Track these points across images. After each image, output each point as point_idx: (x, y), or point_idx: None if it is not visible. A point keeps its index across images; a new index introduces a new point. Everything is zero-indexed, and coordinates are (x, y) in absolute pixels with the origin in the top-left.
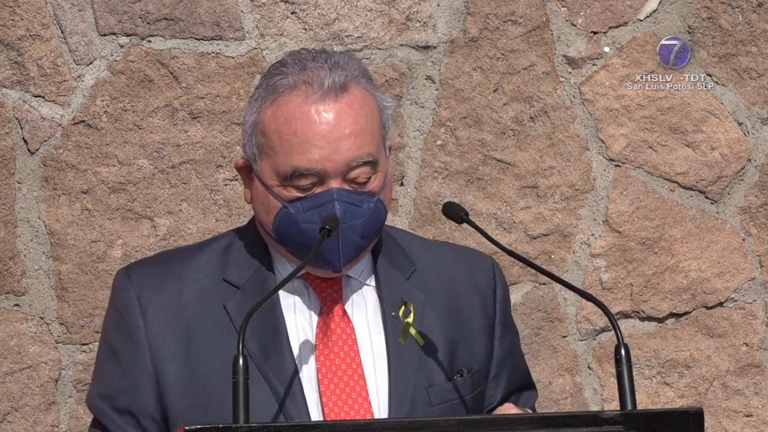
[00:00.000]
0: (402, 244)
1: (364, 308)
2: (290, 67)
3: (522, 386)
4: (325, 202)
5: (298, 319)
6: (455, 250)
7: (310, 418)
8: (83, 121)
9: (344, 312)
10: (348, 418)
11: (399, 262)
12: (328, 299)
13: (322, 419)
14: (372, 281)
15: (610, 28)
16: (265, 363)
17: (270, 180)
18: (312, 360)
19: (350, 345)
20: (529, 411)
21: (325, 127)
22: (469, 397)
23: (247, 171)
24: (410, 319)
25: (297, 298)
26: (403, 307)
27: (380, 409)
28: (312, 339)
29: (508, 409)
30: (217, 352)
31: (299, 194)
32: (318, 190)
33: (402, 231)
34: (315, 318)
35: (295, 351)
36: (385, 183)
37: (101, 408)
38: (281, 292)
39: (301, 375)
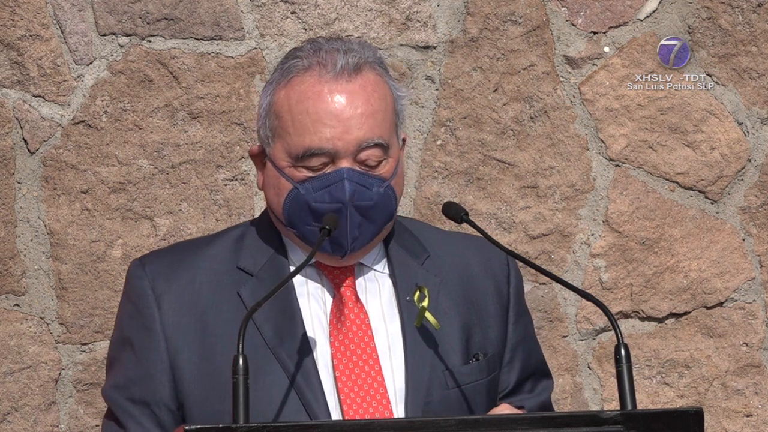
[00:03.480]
0: (415, 232)
1: (378, 294)
2: (305, 51)
3: (537, 372)
4: (336, 181)
5: (312, 305)
6: (469, 239)
7: (326, 402)
8: (83, 121)
9: (357, 298)
10: (364, 403)
11: (412, 248)
12: (341, 285)
13: (338, 404)
14: (385, 268)
15: (610, 28)
16: (280, 348)
17: (282, 162)
18: (327, 346)
19: (364, 330)
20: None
21: (337, 107)
22: (485, 381)
23: (260, 158)
24: (425, 303)
25: (310, 285)
26: (417, 292)
27: (396, 393)
28: (326, 325)
29: (503, 410)
30: (231, 339)
31: (310, 174)
32: (329, 170)
33: (415, 220)
34: (329, 304)
35: (310, 337)
36: (396, 171)
37: (116, 399)
38: (295, 280)
39: (316, 360)
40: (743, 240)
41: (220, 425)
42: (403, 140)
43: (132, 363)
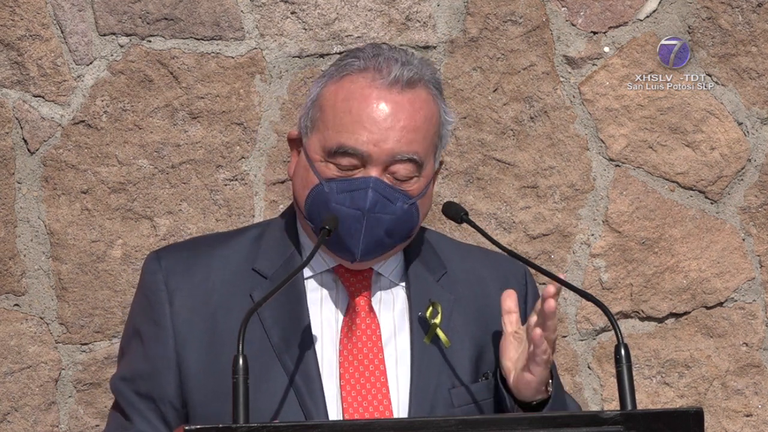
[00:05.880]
0: (435, 245)
1: (391, 306)
2: (365, 52)
3: None
4: (360, 188)
5: (324, 312)
6: (488, 256)
7: (327, 412)
8: (83, 121)
9: (371, 308)
10: (367, 414)
11: (430, 263)
12: (356, 294)
13: (340, 414)
14: (402, 280)
15: (610, 28)
16: (285, 354)
17: (315, 154)
18: (335, 355)
19: (374, 342)
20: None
21: (380, 114)
22: (492, 401)
23: (296, 144)
24: (437, 320)
25: (324, 292)
26: (430, 308)
27: (400, 408)
28: (336, 333)
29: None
30: None
31: (338, 174)
32: (357, 174)
33: (435, 232)
34: (341, 313)
35: (318, 344)
36: (425, 191)
37: (122, 390)
38: (308, 285)
39: (321, 369)
40: (743, 240)
41: (220, 425)
42: (440, 163)
43: (140, 357)
